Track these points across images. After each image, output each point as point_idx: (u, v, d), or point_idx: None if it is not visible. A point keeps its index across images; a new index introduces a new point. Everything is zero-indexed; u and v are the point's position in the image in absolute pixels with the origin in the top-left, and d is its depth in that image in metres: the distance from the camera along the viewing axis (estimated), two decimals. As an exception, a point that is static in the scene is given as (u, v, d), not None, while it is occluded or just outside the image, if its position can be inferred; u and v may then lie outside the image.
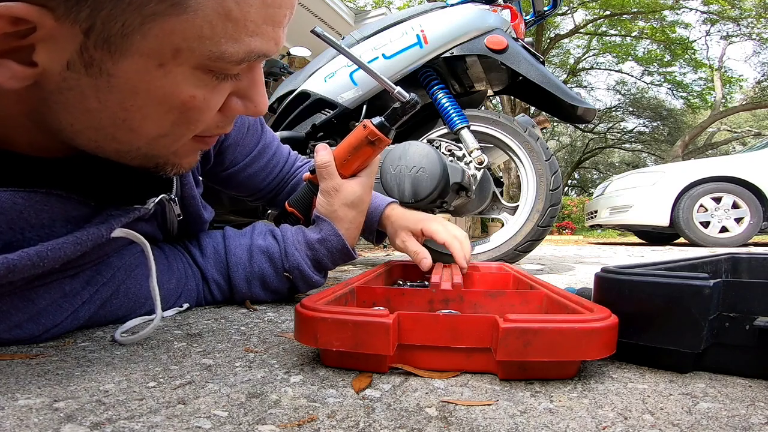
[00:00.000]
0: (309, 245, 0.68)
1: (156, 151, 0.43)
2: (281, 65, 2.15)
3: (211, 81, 0.38)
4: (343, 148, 0.66)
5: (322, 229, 0.68)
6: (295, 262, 0.67)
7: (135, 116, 0.37)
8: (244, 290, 0.68)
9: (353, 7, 4.35)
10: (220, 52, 0.35)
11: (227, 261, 0.67)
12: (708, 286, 0.36)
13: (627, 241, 6.52)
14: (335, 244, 0.68)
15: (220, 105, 0.41)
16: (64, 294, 0.47)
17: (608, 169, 18.92)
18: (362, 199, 0.69)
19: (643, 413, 0.30)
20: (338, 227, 0.68)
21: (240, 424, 0.28)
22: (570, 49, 14.44)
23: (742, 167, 3.78)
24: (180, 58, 0.35)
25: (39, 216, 0.43)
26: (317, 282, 0.71)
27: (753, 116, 16.49)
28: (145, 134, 0.40)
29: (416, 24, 1.34)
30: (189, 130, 0.41)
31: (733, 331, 0.37)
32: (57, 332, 0.47)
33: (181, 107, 0.38)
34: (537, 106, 1.48)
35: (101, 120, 0.37)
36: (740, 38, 12.41)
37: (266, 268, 0.68)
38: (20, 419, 0.28)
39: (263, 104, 0.44)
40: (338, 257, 0.70)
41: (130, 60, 0.34)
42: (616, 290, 0.41)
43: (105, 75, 0.34)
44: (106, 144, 0.40)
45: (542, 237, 1.32)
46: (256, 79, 0.42)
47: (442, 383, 0.36)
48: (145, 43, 0.33)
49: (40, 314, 0.45)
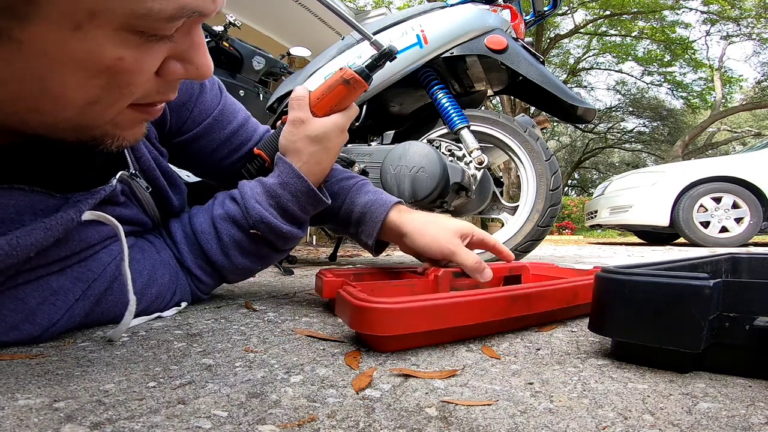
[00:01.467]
0: (269, 193, 0.63)
1: (89, 120, 0.41)
2: (281, 65, 2.15)
3: (140, 41, 0.36)
4: (318, 89, 0.65)
5: (279, 168, 0.64)
6: (258, 216, 0.62)
7: (54, 83, 0.35)
8: (226, 263, 0.65)
9: (353, 7, 4.35)
10: (145, 9, 0.33)
11: (198, 241, 0.64)
12: (708, 286, 0.36)
13: (627, 241, 6.52)
14: (297, 186, 0.63)
15: (155, 68, 0.39)
16: (54, 291, 0.47)
17: (608, 169, 18.92)
18: (328, 135, 0.64)
19: (643, 413, 0.30)
20: (294, 161, 0.64)
21: (240, 424, 0.28)
22: (570, 49, 14.46)
23: (742, 167, 3.79)
24: (99, 19, 0.33)
25: (6, 211, 0.42)
26: (291, 233, 0.65)
27: (753, 116, 16.49)
28: (72, 103, 0.38)
29: (416, 24, 1.34)
30: (122, 95, 0.39)
31: (733, 331, 0.37)
32: (55, 331, 0.47)
33: (109, 71, 0.36)
34: (537, 106, 1.48)
35: (20, 91, 0.36)
36: (740, 38, 12.41)
37: (235, 232, 0.64)
38: (20, 419, 0.28)
39: (206, 66, 0.41)
40: (305, 201, 0.64)
41: (39, 26, 0.32)
42: (616, 290, 0.41)
43: (16, 42, 0.32)
44: (30, 116, 0.39)
45: (542, 237, 1.32)
46: (195, 41, 0.40)
47: (442, 383, 0.36)
48: (53, 8, 0.31)
49: (34, 314, 0.45)
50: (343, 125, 0.66)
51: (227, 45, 1.87)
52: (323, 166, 0.67)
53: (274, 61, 2.10)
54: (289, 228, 0.65)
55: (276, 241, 0.65)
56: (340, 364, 0.40)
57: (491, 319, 0.48)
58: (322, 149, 0.65)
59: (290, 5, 3.71)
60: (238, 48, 1.94)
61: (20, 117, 0.39)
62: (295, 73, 1.58)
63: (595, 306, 0.44)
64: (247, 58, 1.98)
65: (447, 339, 0.48)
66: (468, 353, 0.45)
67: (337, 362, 0.41)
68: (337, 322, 0.59)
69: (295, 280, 1.09)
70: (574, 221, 12.13)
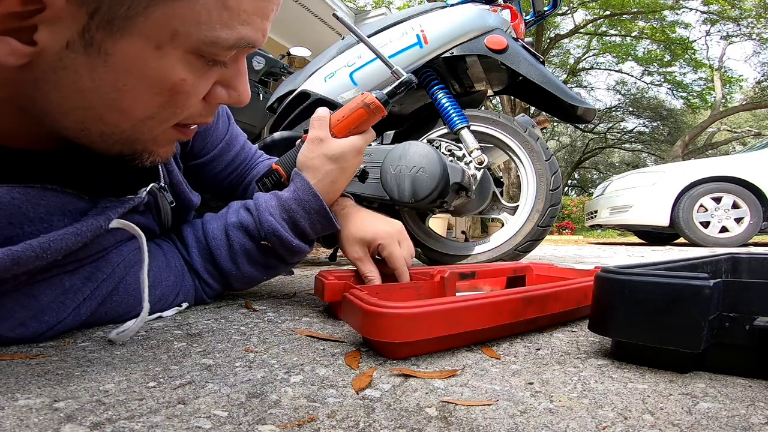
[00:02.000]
0: (283, 207, 0.65)
1: (139, 134, 0.43)
2: (281, 65, 2.15)
3: (202, 66, 0.39)
4: (339, 111, 0.68)
5: (295, 183, 0.66)
6: (270, 228, 0.64)
7: (126, 96, 0.38)
8: (233, 270, 0.66)
9: (353, 7, 4.34)
10: (214, 37, 0.37)
11: (209, 246, 0.66)
12: (708, 286, 0.36)
13: (627, 241, 6.52)
14: (311, 204, 0.64)
15: (206, 91, 0.42)
16: (65, 290, 0.47)
17: (608, 169, 18.93)
18: (345, 155, 0.66)
19: (643, 413, 0.30)
20: (310, 177, 0.65)
21: (240, 424, 0.28)
22: (570, 49, 14.46)
23: (742, 167, 3.78)
24: (176, 41, 0.36)
25: (37, 210, 0.43)
26: (299, 248, 0.66)
27: (753, 116, 16.49)
28: (134, 115, 0.40)
29: (416, 24, 1.34)
30: (175, 114, 0.42)
31: (733, 331, 0.37)
32: (60, 329, 0.47)
33: (171, 90, 0.39)
34: (537, 106, 1.48)
35: (92, 100, 0.38)
36: (740, 38, 12.41)
37: (246, 242, 0.65)
38: (20, 419, 0.28)
39: (246, 93, 0.45)
40: (316, 220, 0.66)
41: (130, 40, 0.35)
42: (616, 290, 0.41)
43: (103, 54, 0.35)
44: (93, 125, 0.41)
45: (542, 237, 1.32)
46: (240, 69, 0.44)
47: (442, 383, 0.36)
48: (147, 25, 0.34)
49: (43, 311, 0.45)
50: (360, 147, 0.68)
51: (227, 45, 1.87)
52: (337, 186, 0.68)
53: (274, 61, 2.10)
54: (298, 243, 0.66)
55: (285, 254, 0.67)
56: (340, 364, 0.40)
57: (506, 321, 0.47)
58: (338, 169, 0.67)
59: (290, 5, 3.71)
60: (238, 48, 1.94)
61: (84, 126, 0.41)
62: (295, 73, 1.57)
63: (595, 306, 0.44)
64: (247, 58, 1.98)
65: (459, 343, 0.47)
66: (468, 353, 0.45)
67: (337, 362, 0.41)
68: (338, 322, 0.59)
69: (295, 280, 1.09)
70: (574, 221, 12.13)
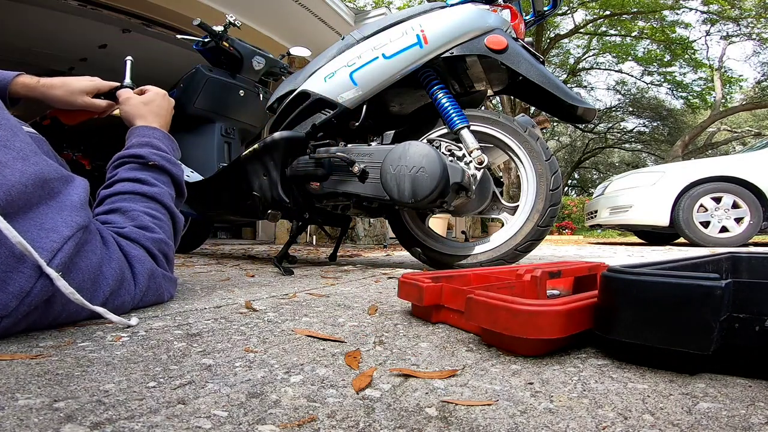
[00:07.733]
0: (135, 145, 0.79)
1: None
2: (281, 65, 2.15)
3: None
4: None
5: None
6: (141, 153, 0.77)
7: None
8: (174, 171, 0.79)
9: (353, 7, 4.34)
10: None
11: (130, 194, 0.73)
12: (719, 287, 0.35)
13: (627, 241, 6.52)
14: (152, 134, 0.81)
15: None
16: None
17: (608, 169, 18.92)
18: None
19: (643, 413, 0.30)
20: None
21: (240, 424, 0.28)
22: (570, 49, 14.44)
23: (742, 167, 3.78)
24: None
25: None
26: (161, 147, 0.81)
27: (753, 116, 16.49)
28: None
29: (416, 24, 1.34)
30: None
31: (743, 333, 0.36)
32: (30, 302, 0.45)
33: None
34: (537, 106, 1.48)
35: None
36: (740, 38, 12.40)
37: (118, 221, 0.68)
38: (20, 419, 0.28)
39: None
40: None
41: None
42: (622, 290, 0.40)
43: None
44: None
45: (542, 237, 1.32)
46: None
47: (442, 383, 0.36)
48: None
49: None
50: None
51: (227, 45, 1.87)
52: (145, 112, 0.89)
53: (274, 61, 2.10)
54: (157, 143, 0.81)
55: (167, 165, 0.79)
56: (340, 364, 0.40)
57: None
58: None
59: (290, 5, 3.71)
60: (238, 48, 1.93)
61: None
62: (295, 73, 1.57)
63: (601, 306, 0.43)
64: (247, 58, 1.98)
65: (572, 341, 0.48)
66: (468, 353, 0.45)
67: (337, 362, 0.41)
68: (338, 322, 0.59)
69: (295, 280, 1.09)
70: (574, 221, 12.13)
